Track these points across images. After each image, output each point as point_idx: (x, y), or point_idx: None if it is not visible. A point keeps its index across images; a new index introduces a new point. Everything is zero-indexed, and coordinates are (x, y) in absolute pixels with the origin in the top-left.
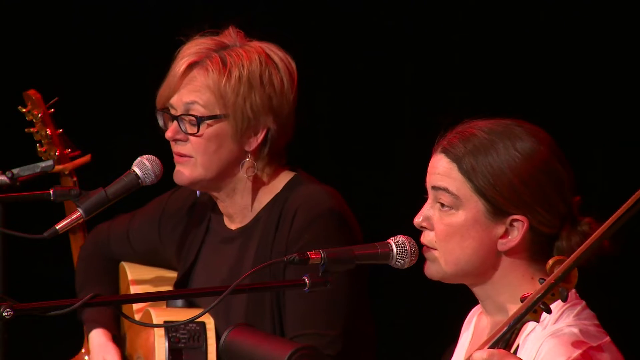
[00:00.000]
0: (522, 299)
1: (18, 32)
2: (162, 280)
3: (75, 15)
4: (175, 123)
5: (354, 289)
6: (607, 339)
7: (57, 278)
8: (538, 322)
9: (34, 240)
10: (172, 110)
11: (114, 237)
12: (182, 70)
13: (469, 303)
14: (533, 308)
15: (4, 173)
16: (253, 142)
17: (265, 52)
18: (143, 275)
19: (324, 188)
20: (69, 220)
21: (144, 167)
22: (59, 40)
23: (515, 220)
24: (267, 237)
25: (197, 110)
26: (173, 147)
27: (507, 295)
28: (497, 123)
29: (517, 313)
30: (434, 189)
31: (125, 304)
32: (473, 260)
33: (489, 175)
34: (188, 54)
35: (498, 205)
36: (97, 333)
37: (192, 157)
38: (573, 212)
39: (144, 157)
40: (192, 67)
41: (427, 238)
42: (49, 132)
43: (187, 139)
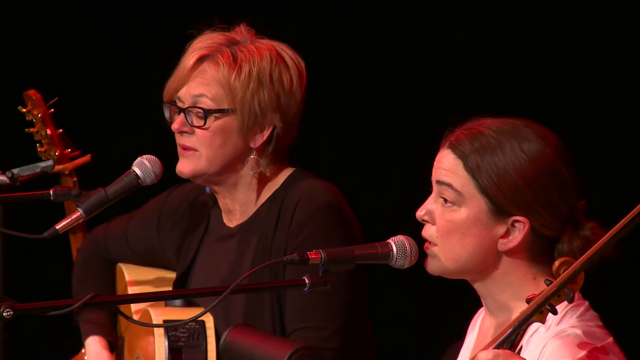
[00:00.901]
0: (527, 300)
1: (18, 32)
2: (160, 281)
3: (76, 15)
4: (182, 115)
5: (354, 285)
6: (610, 340)
7: (57, 278)
8: (544, 323)
9: (34, 240)
10: (179, 103)
11: (112, 239)
12: (192, 63)
13: (469, 303)
14: (540, 309)
15: (4, 173)
16: (258, 138)
17: (276, 50)
18: (141, 276)
19: (323, 183)
20: (69, 220)
21: (144, 167)
22: (59, 40)
23: (517, 221)
24: (266, 233)
25: (205, 103)
26: (178, 139)
27: (508, 295)
28: (505, 122)
29: (523, 314)
30: (439, 184)
31: (124, 305)
32: (473, 258)
33: (494, 175)
34: (199, 48)
35: (501, 205)
36: (93, 340)
37: (196, 150)
38: (577, 215)
39: (144, 157)
40: (202, 60)
41: (428, 232)
42: (49, 132)
43: (193, 132)
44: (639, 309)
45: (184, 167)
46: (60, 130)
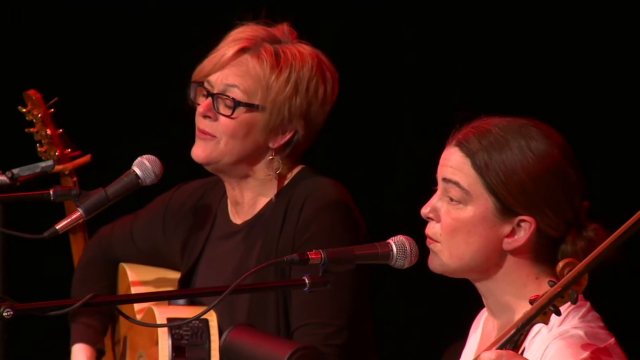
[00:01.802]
0: (531, 301)
1: (18, 32)
2: (163, 281)
3: (75, 15)
4: (210, 100)
5: (358, 281)
6: (612, 341)
7: (57, 278)
8: (547, 324)
9: (34, 240)
10: (208, 86)
11: (118, 238)
12: (232, 53)
13: (469, 303)
14: (543, 310)
15: (4, 173)
16: (279, 139)
17: (318, 59)
18: (144, 276)
19: (330, 180)
20: (69, 220)
21: (144, 167)
22: (59, 40)
23: (523, 221)
24: (273, 229)
25: (235, 94)
26: (199, 122)
27: (511, 295)
28: (512, 121)
29: (526, 315)
30: (445, 182)
31: (127, 304)
32: (477, 257)
33: (502, 174)
34: (240, 38)
35: (507, 205)
36: (79, 348)
37: (215, 137)
38: (580, 217)
39: (144, 157)
40: (243, 51)
41: (432, 230)
42: (49, 132)
43: (216, 118)
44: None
45: (201, 150)
46: (60, 130)
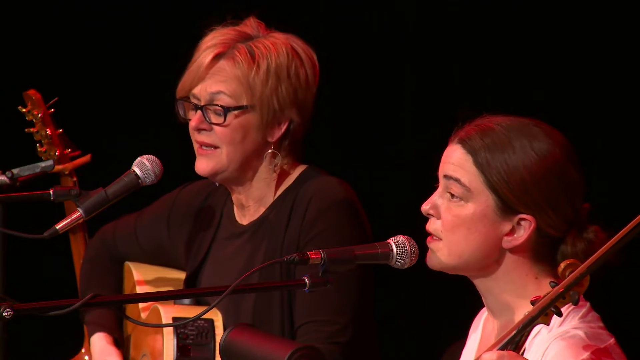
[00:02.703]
0: (532, 302)
1: (18, 32)
2: (168, 280)
3: (76, 15)
4: (200, 113)
5: (363, 280)
6: (612, 341)
7: (57, 278)
8: (548, 325)
9: (34, 240)
10: (194, 100)
11: (121, 237)
12: (208, 61)
13: (469, 303)
14: (545, 311)
15: (4, 173)
16: (276, 132)
17: (291, 44)
18: (149, 275)
19: (336, 179)
20: (69, 220)
21: (144, 167)
22: (59, 40)
23: (523, 220)
24: (279, 229)
25: (223, 101)
26: (196, 136)
27: (510, 294)
28: (515, 121)
29: (528, 316)
30: (446, 178)
31: (130, 303)
32: (476, 254)
33: (503, 172)
34: (213, 45)
35: (508, 203)
36: (98, 337)
37: (217, 147)
38: (581, 218)
39: (144, 157)
40: (218, 57)
41: (432, 226)
42: (49, 132)
43: (211, 129)
44: (639, 310)
45: (204, 165)
46: (60, 130)
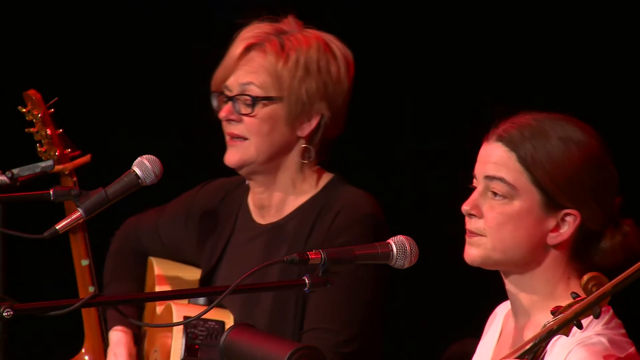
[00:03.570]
0: (552, 312)
1: (18, 32)
2: (188, 278)
3: (75, 15)
4: (230, 103)
5: (378, 292)
6: (632, 350)
7: (57, 278)
8: (567, 336)
9: (34, 240)
10: (227, 92)
11: (144, 231)
12: (239, 52)
13: (469, 303)
14: (566, 324)
15: (4, 173)
16: (306, 127)
17: (324, 40)
18: (170, 272)
19: (364, 192)
20: (69, 220)
21: (144, 167)
22: (59, 40)
23: (568, 215)
24: (300, 236)
25: (252, 91)
26: (226, 127)
27: (540, 294)
28: (550, 116)
29: (548, 327)
30: (488, 179)
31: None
32: (521, 250)
33: (548, 167)
34: (246, 37)
35: (554, 198)
36: (115, 330)
37: (246, 138)
38: (616, 211)
39: (144, 157)
40: (250, 49)
41: (475, 225)
42: (49, 132)
43: (240, 120)
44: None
45: (233, 156)
46: (60, 130)
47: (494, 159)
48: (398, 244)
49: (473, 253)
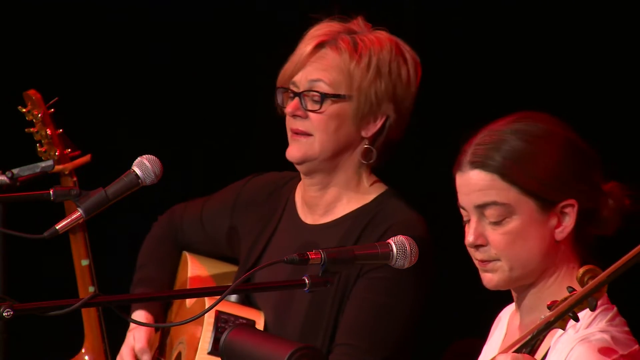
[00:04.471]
0: (549, 306)
1: (18, 32)
2: (222, 275)
3: (75, 15)
4: (297, 99)
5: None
6: (636, 347)
7: (57, 278)
8: (564, 329)
9: (34, 240)
10: (293, 87)
11: (188, 219)
12: (310, 49)
13: (469, 304)
14: (562, 317)
15: (4, 173)
16: (371, 127)
17: (396, 42)
18: (203, 270)
19: (416, 213)
20: (69, 220)
21: (144, 167)
22: (59, 40)
23: (566, 206)
24: (345, 242)
25: (321, 88)
26: (291, 123)
27: (551, 292)
28: (509, 122)
29: (545, 320)
30: (480, 207)
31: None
32: (539, 258)
33: (531, 172)
34: (317, 35)
35: (548, 197)
36: (139, 312)
37: (310, 134)
38: (602, 181)
39: (144, 157)
40: (321, 46)
41: (486, 253)
42: (49, 132)
43: (306, 116)
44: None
45: (296, 151)
46: (60, 130)
47: (478, 187)
48: (398, 244)
49: (494, 279)
